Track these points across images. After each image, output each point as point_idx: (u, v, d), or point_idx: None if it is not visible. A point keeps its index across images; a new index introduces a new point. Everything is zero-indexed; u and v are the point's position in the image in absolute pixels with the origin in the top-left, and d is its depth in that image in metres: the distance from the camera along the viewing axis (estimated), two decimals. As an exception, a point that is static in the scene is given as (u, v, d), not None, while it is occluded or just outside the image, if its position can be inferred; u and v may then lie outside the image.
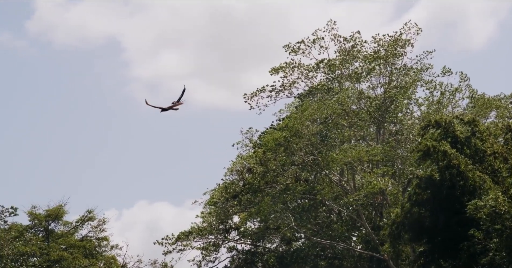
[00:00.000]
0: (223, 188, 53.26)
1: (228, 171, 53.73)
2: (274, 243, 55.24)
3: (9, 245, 54.58)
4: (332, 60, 47.56)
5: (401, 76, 46.93)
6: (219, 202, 53.31)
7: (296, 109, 48.59)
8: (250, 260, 53.07)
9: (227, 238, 53.76)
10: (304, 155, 46.14)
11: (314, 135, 45.93)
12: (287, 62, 48.23)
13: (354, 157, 43.80)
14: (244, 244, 54.17)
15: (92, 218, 62.90)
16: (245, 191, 51.84)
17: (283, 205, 47.64)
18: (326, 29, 48.03)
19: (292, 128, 44.80)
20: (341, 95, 45.66)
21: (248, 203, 51.36)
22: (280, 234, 51.29)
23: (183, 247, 52.99)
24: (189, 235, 52.72)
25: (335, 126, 46.88)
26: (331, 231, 48.57)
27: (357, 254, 47.88)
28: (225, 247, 54.50)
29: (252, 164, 51.78)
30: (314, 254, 49.27)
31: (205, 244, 53.55)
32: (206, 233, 53.19)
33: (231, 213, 53.30)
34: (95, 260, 62.07)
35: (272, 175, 48.97)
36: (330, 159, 44.24)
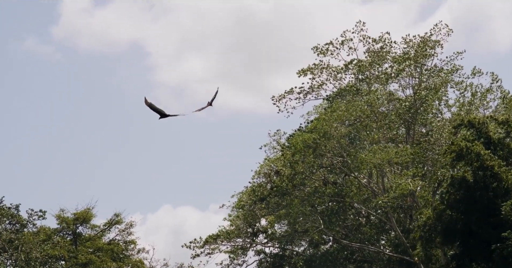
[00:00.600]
0: (251, 190, 52.73)
1: (256, 174, 53.21)
2: (301, 246, 54.62)
3: (38, 248, 54.36)
4: (361, 61, 46.88)
5: (432, 78, 46.12)
6: (246, 205, 52.80)
7: (325, 111, 47.94)
8: (278, 264, 52.41)
9: (254, 241, 53.20)
10: (333, 157, 45.45)
11: (343, 136, 45.25)
12: (315, 64, 47.64)
13: (384, 159, 43.04)
14: (272, 247, 53.57)
15: (119, 221, 62.71)
16: (273, 193, 51.29)
17: (311, 208, 46.98)
18: (354, 30, 47.41)
19: (321, 130, 44.15)
20: (370, 96, 44.94)
21: (276, 206, 50.77)
22: (308, 237, 50.58)
23: (211, 250, 52.51)
24: (216, 238, 52.22)
25: (364, 128, 46.14)
26: (360, 234, 47.80)
27: (386, 258, 47.07)
28: (253, 250, 53.96)
29: (280, 167, 51.21)
30: (343, 257, 48.52)
31: (233, 247, 53.02)
32: (234, 236, 52.67)
33: (259, 216, 52.72)
34: (122, 263, 61.84)
35: (300, 178, 48.35)
36: (359, 161, 43.50)
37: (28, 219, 55.22)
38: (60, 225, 60.57)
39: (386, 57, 46.72)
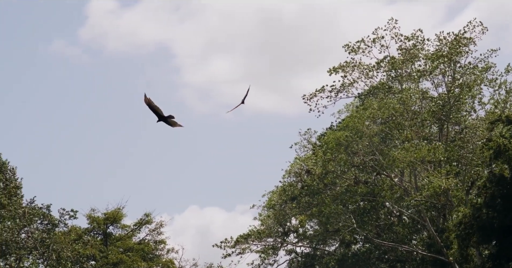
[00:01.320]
0: (282, 190, 52.18)
1: (286, 173, 52.65)
2: (332, 246, 53.96)
3: (69, 247, 54.14)
4: (394, 58, 46.08)
5: (466, 75, 45.23)
6: (277, 205, 52.26)
7: (357, 108, 47.22)
8: (310, 263, 51.76)
9: (285, 241, 52.61)
10: (365, 155, 44.71)
11: (375, 135, 44.51)
12: (347, 62, 46.93)
13: (417, 156, 42.22)
14: (303, 247, 52.97)
15: (149, 221, 62.44)
16: (304, 193, 50.71)
17: (343, 207, 46.31)
18: (386, 27, 46.63)
19: (353, 127, 43.45)
20: (404, 94, 44.16)
21: (307, 205, 50.17)
22: (340, 236, 49.88)
23: (242, 250, 52.01)
24: (247, 238, 51.70)
25: (396, 127, 45.35)
26: (392, 234, 47.02)
27: (419, 257, 46.23)
28: (283, 250, 53.38)
29: (310, 166, 50.60)
30: (375, 257, 47.76)
31: (264, 247, 52.47)
32: (265, 236, 52.12)
33: (289, 215, 52.13)
34: (152, 263, 61.55)
35: (331, 177, 47.70)
36: (392, 159, 42.71)
37: (59, 218, 55.00)
38: (90, 224, 60.43)
39: (419, 54, 45.88)
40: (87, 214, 59.96)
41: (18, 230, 53.31)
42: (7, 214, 53.71)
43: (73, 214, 55.93)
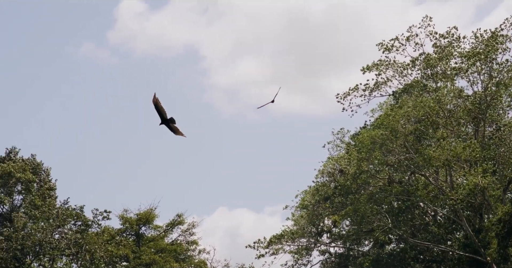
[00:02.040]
0: (315, 190, 51.64)
1: (319, 173, 52.09)
2: (365, 246, 53.27)
3: (102, 248, 53.99)
4: (430, 54, 45.32)
5: (503, 73, 44.32)
6: (310, 205, 51.71)
7: (391, 106, 46.52)
8: (343, 264, 51.11)
9: (319, 241, 52.02)
10: (399, 154, 43.99)
11: (410, 133, 43.79)
12: (380, 60, 46.29)
13: (453, 154, 41.40)
14: (337, 247, 52.33)
15: (181, 222, 62.19)
16: (337, 193, 50.13)
17: (378, 206, 45.61)
18: (421, 25, 45.92)
19: (388, 126, 42.77)
20: (440, 92, 43.39)
21: (340, 205, 49.57)
22: (374, 236, 49.17)
23: (275, 251, 51.50)
24: (280, 238, 51.19)
25: (431, 125, 44.60)
26: (427, 233, 46.23)
27: (456, 257, 45.38)
28: (317, 250, 52.80)
29: (343, 165, 50.01)
30: (411, 257, 46.97)
31: (297, 247, 51.91)
32: (298, 236, 51.58)
33: (322, 216, 51.54)
34: (185, 264, 61.26)
35: (365, 176, 47.05)
36: (427, 157, 41.94)
37: (93, 219, 54.89)
38: (123, 225, 60.27)
39: (454, 52, 45.09)
40: (120, 214, 59.84)
41: (51, 230, 53.26)
42: (40, 215, 53.70)
43: (106, 215, 55.81)
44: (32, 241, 52.32)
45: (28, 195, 54.43)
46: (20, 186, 54.82)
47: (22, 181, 54.35)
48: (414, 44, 46.02)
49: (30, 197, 54.12)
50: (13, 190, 54.72)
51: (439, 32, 45.68)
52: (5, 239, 52.79)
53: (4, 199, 53.89)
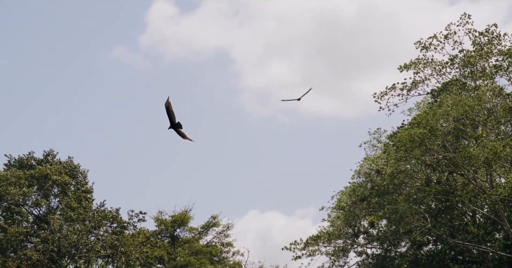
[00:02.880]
0: (351, 190, 50.96)
1: (356, 173, 51.41)
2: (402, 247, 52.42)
3: (137, 249, 53.75)
4: (470, 51, 44.54)
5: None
6: (346, 206, 51.04)
7: (430, 104, 45.75)
8: (381, 265, 50.31)
9: (355, 242, 51.30)
10: (439, 153, 43.17)
11: (449, 132, 42.98)
12: (418, 58, 45.59)
13: (493, 152, 40.52)
14: (374, 248, 51.56)
15: (216, 223, 61.88)
16: (374, 193, 49.41)
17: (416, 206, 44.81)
18: (459, 23, 45.16)
19: (427, 124, 41.99)
20: (480, 90, 42.57)
21: (377, 205, 48.83)
22: (412, 237, 48.34)
23: (311, 252, 50.89)
24: (317, 239, 50.57)
25: (471, 124, 43.76)
26: (466, 234, 45.32)
27: (496, 258, 44.45)
28: (353, 252, 52.06)
29: (380, 165, 49.31)
30: (450, 257, 46.10)
31: (334, 248, 51.24)
32: (334, 237, 50.92)
33: (359, 216, 50.83)
34: (220, 266, 60.89)
35: (403, 176, 46.30)
36: (467, 155, 41.09)
37: (128, 221, 54.67)
38: (158, 227, 60.07)
39: (494, 50, 44.26)
40: (155, 216, 59.68)
41: (87, 232, 53.13)
42: (76, 217, 53.59)
43: (142, 217, 55.56)
44: (68, 243, 52.23)
45: (65, 197, 54.38)
46: (56, 189, 54.79)
47: (58, 183, 54.31)
48: (453, 42, 45.26)
49: (67, 199, 54.06)
50: (49, 192, 54.71)
51: (478, 30, 44.90)
52: (42, 241, 52.76)
53: (40, 201, 53.88)
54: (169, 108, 21.31)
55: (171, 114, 21.39)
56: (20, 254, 51.48)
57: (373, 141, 51.62)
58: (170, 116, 21.40)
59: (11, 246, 52.18)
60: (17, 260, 51.27)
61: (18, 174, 53.38)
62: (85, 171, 55.69)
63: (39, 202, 53.84)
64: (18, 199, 52.71)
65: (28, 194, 52.95)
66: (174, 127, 21.52)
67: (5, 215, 53.36)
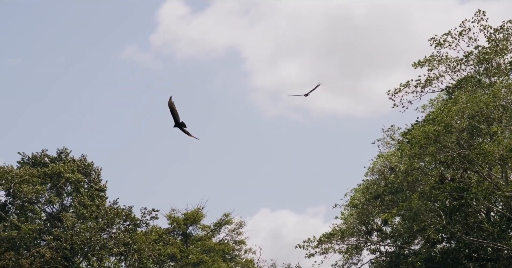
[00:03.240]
0: (364, 188, 50.65)
1: (369, 170, 51.11)
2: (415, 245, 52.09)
3: (150, 247, 53.65)
4: (485, 48, 44.18)
5: None
6: (360, 203, 50.73)
7: (445, 101, 45.42)
8: (394, 263, 50.00)
9: (369, 240, 50.99)
10: (452, 150, 42.83)
11: (464, 129, 42.63)
12: (432, 55, 45.27)
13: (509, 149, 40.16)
14: (387, 246, 51.24)
15: (229, 221, 61.71)
16: (388, 190, 49.09)
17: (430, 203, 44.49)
18: (474, 20, 44.80)
19: (441, 121, 41.67)
20: (495, 87, 42.19)
21: (391, 203, 48.50)
22: (426, 235, 47.99)
23: (325, 250, 50.61)
24: (330, 237, 50.28)
25: (485, 120, 43.40)
26: (481, 231, 44.97)
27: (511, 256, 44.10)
28: (367, 249, 51.75)
29: (394, 163, 48.98)
30: (465, 255, 45.76)
31: (347, 246, 50.94)
32: (348, 235, 50.62)
33: (372, 214, 50.50)
34: (232, 264, 60.74)
35: (416, 174, 45.95)
36: (482, 152, 40.75)
37: (141, 218, 54.59)
38: (171, 225, 59.95)
39: (509, 47, 43.89)
40: (168, 214, 59.56)
41: (99, 230, 53.04)
42: (89, 214, 53.52)
43: (154, 215, 55.46)
44: (81, 241, 52.16)
45: (78, 195, 54.32)
46: (69, 186, 54.75)
47: (71, 181, 54.25)
48: (468, 39, 44.91)
49: (79, 197, 53.99)
50: (62, 190, 54.66)
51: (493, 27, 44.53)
52: (55, 238, 52.71)
53: (53, 199, 53.84)
54: (172, 108, 21.79)
55: (175, 114, 21.91)
56: (33, 252, 51.45)
57: (386, 138, 51.35)
58: (174, 115, 21.92)
59: (24, 244, 52.16)
60: (30, 258, 51.24)
61: (31, 172, 53.35)
62: (99, 168, 55.67)
63: (52, 199, 53.80)
64: (31, 197, 52.68)
65: (41, 192, 52.91)
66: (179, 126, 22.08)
67: (18, 212, 53.35)
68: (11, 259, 50.57)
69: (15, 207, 53.50)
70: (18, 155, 55.81)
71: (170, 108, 21.66)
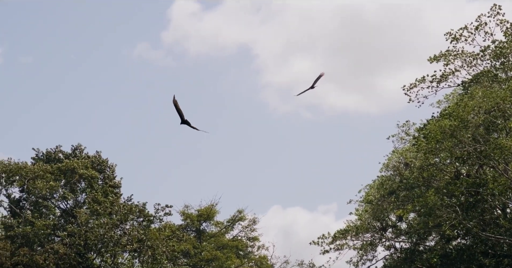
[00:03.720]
0: (379, 184, 50.24)
1: (384, 166, 50.69)
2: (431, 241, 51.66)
3: (163, 243, 53.43)
4: (502, 43, 43.66)
5: None
6: (374, 199, 50.33)
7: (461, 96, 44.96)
8: (410, 259, 49.61)
9: (384, 236, 50.60)
10: (468, 146, 42.36)
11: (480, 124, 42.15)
12: (448, 50, 44.78)
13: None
14: (402, 242, 50.85)
15: (242, 218, 61.43)
16: (403, 186, 48.67)
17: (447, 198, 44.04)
18: (490, 14, 44.31)
19: (458, 116, 41.20)
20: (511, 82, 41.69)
21: (406, 199, 48.08)
22: (441, 231, 47.54)
23: (339, 246, 50.27)
24: (345, 233, 49.93)
25: (502, 115, 42.91)
26: (498, 227, 44.50)
27: (529, 252, 43.64)
28: (381, 246, 51.37)
29: (409, 158, 48.54)
30: (481, 251, 45.30)
31: (362, 242, 50.57)
32: (362, 231, 50.25)
33: (387, 210, 50.09)
34: (246, 260, 60.49)
35: (432, 169, 45.49)
36: (498, 147, 40.26)
37: (154, 214, 54.37)
38: (184, 221, 59.70)
39: (525, 41, 43.35)
40: (181, 210, 59.31)
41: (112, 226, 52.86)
42: (103, 210, 53.34)
43: (168, 211, 55.23)
44: (95, 237, 52.01)
45: (92, 191, 54.16)
46: (83, 183, 54.59)
47: (85, 177, 54.09)
48: (484, 33, 44.43)
49: (93, 193, 53.82)
50: (76, 186, 54.52)
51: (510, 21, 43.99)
52: (68, 234, 52.57)
53: (67, 195, 53.69)
54: (176, 106, 22.97)
55: (179, 111, 23.11)
56: (47, 248, 51.32)
57: (401, 134, 50.91)
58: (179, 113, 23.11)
59: (38, 240, 52.05)
60: (44, 254, 51.12)
61: (45, 168, 53.21)
62: (113, 165, 55.46)
63: (66, 195, 53.65)
64: (45, 193, 52.54)
65: (55, 188, 52.77)
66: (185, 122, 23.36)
67: (32, 208, 53.25)
68: (25, 255, 50.46)
69: (29, 203, 53.39)
70: (32, 151, 55.74)
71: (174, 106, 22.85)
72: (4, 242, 50.72)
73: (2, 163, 52.64)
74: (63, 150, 55.51)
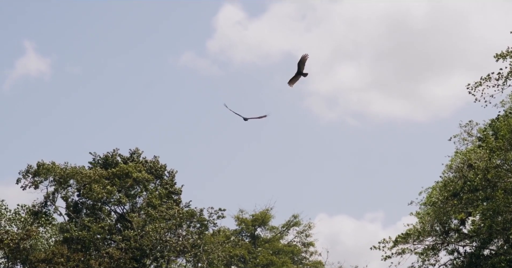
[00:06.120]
0: (442, 186, 48.15)
1: (447, 168, 48.63)
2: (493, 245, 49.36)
3: (219, 247, 52.06)
4: None
5: None
6: (438, 201, 48.23)
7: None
8: (474, 264, 47.36)
9: (447, 240, 48.40)
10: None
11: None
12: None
13: None
14: (467, 246, 48.61)
15: (297, 223, 59.86)
16: (466, 188, 46.52)
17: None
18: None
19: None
20: None
21: (470, 201, 45.92)
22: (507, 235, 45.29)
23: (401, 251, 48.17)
24: (406, 237, 47.81)
25: None
26: None
27: None
28: (444, 250, 49.16)
29: (473, 159, 46.43)
30: (554, 255, 42.98)
31: (424, 246, 48.44)
32: (424, 235, 48.10)
33: (450, 213, 47.93)
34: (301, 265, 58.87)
35: (498, 171, 43.34)
36: None
37: (208, 218, 53.09)
38: (239, 226, 58.30)
39: None
40: (236, 215, 57.95)
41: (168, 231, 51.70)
42: (158, 215, 52.18)
43: (221, 214, 53.94)
44: (150, 241, 50.85)
45: (147, 196, 53.10)
46: (138, 187, 53.55)
47: (139, 180, 53.00)
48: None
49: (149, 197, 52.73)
50: (132, 191, 53.53)
51: None
52: (124, 239, 51.48)
53: (123, 199, 52.65)
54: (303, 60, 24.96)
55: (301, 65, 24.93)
56: (103, 252, 50.26)
57: (463, 134, 48.84)
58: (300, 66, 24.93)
59: (94, 245, 51.03)
60: (99, 259, 50.06)
61: (101, 173, 52.29)
62: (173, 171, 54.21)
63: (122, 200, 52.60)
64: (101, 197, 51.55)
65: (113, 192, 51.77)
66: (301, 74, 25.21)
67: (89, 213, 52.32)
68: (80, 260, 49.42)
69: (85, 207, 52.45)
70: (90, 155, 54.84)
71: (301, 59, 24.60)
72: (60, 247, 49.76)
73: (58, 167, 51.80)
74: (121, 153, 54.50)
